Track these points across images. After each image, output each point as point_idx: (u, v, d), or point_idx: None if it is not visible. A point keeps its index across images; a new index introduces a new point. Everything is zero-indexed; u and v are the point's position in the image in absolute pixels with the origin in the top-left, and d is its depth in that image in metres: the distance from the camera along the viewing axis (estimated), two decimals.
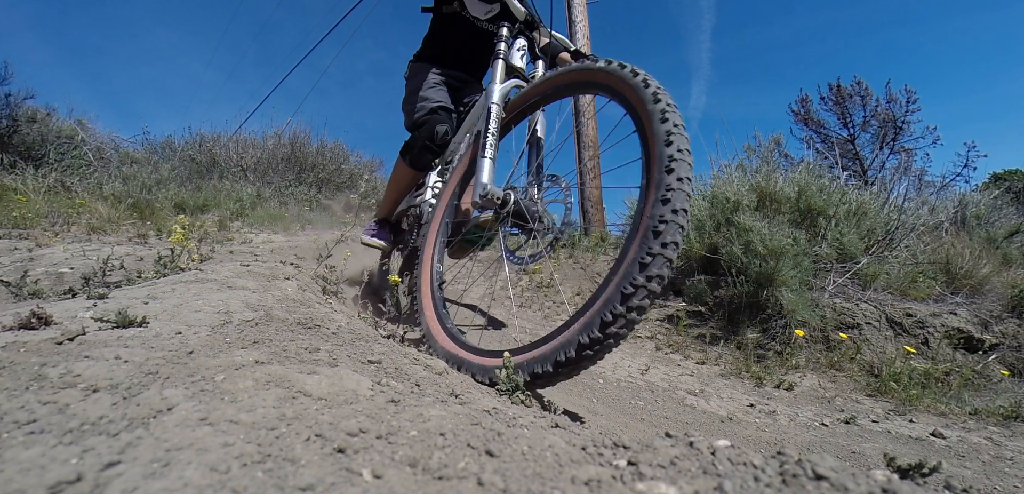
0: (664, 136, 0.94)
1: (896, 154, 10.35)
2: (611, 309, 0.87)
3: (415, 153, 1.88)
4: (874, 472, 0.37)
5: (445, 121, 1.88)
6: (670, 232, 0.87)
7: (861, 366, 2.07)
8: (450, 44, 2.06)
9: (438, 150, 1.86)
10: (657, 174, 0.92)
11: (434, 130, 1.84)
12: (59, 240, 2.42)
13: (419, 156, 1.88)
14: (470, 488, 0.39)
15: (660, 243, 0.86)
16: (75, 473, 0.37)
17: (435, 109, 1.91)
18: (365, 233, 2.08)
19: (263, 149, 7.06)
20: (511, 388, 0.96)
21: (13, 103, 5.20)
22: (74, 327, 0.73)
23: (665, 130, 0.95)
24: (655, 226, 0.87)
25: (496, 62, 1.56)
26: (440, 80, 2.03)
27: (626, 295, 0.86)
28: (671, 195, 0.88)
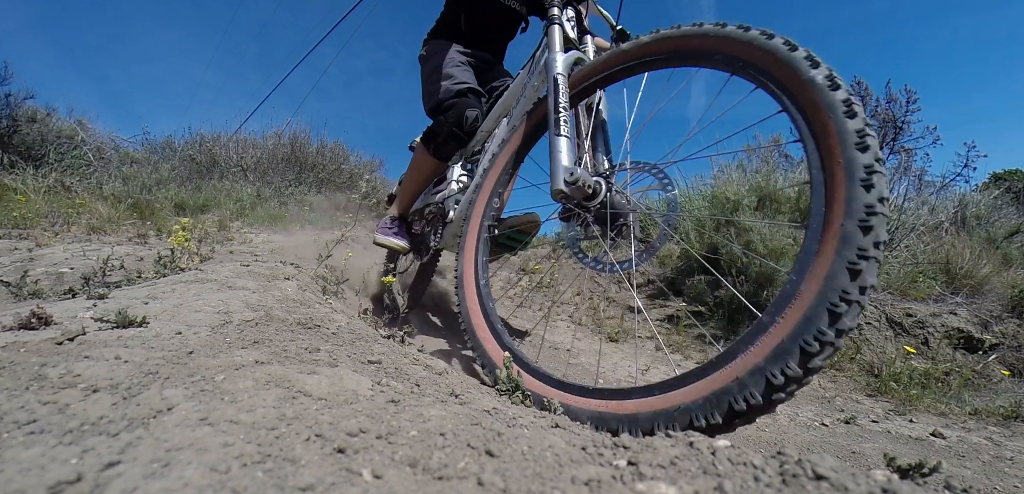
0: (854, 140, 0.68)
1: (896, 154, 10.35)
2: (814, 332, 0.61)
3: (440, 141, 1.65)
4: (874, 472, 0.37)
5: (475, 105, 1.64)
6: (881, 227, 0.65)
7: (861, 366, 2.07)
8: (473, 20, 1.82)
9: (466, 138, 1.65)
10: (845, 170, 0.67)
11: (463, 115, 1.61)
12: (59, 240, 2.42)
13: (444, 144, 1.66)
14: (470, 488, 0.39)
15: (872, 241, 0.63)
16: (75, 473, 0.37)
17: (463, 90, 1.66)
18: (380, 231, 1.81)
19: (263, 149, 7.06)
20: (511, 388, 0.96)
21: (13, 103, 5.19)
22: (74, 327, 0.73)
23: (855, 129, 0.68)
24: (862, 219, 0.64)
25: (552, 29, 1.32)
26: (465, 59, 1.79)
27: (835, 312, 0.61)
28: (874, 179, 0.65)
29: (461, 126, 1.62)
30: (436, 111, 1.70)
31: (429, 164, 1.73)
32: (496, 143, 1.48)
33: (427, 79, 1.81)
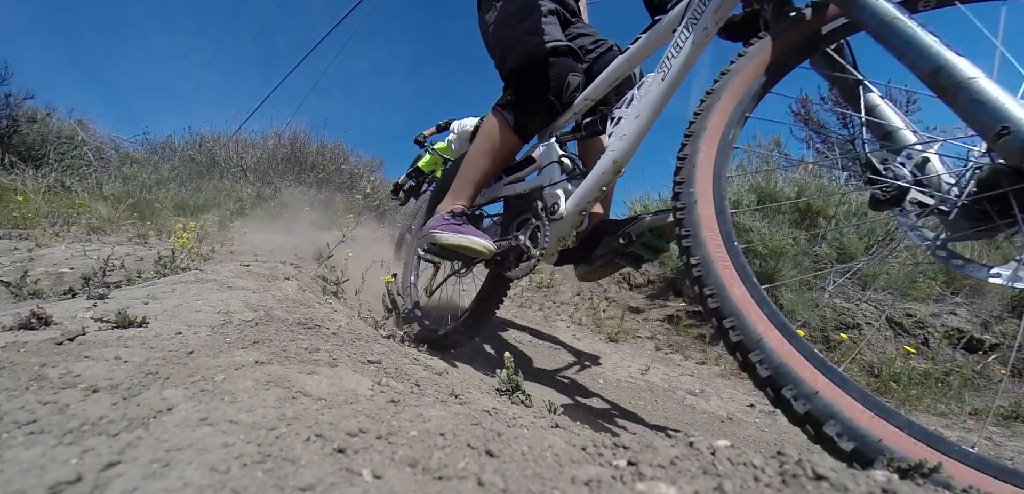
0: None
1: None
2: None
3: (529, 112, 1.30)
4: (874, 472, 0.37)
5: (578, 69, 1.30)
6: None
7: (861, 366, 2.07)
8: None
9: (561, 110, 1.30)
10: None
11: (565, 81, 1.27)
12: (59, 240, 2.42)
13: (534, 117, 1.31)
14: (470, 488, 0.39)
15: None
16: (75, 473, 0.37)
17: (559, 48, 1.29)
18: (442, 229, 1.30)
19: (263, 149, 7.06)
20: (511, 388, 0.96)
21: (13, 103, 5.20)
22: (74, 327, 0.73)
23: None
24: None
25: None
26: (553, 6, 1.39)
27: None
28: None
29: (560, 95, 1.28)
30: (523, 73, 1.30)
31: (509, 142, 1.35)
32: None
33: (504, 27, 1.39)
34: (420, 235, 1.42)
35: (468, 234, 1.28)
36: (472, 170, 1.40)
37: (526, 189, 1.36)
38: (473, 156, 1.40)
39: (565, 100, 1.29)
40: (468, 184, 1.40)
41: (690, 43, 1.00)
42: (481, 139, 1.39)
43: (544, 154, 1.32)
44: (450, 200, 1.41)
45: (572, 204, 1.20)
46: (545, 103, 1.29)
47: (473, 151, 1.40)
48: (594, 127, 1.24)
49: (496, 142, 1.36)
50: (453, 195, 1.41)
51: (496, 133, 1.35)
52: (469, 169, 1.40)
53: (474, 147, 1.40)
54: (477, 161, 1.39)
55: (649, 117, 1.08)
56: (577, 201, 1.19)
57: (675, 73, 1.05)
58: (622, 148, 1.10)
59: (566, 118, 1.32)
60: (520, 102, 1.31)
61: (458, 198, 1.41)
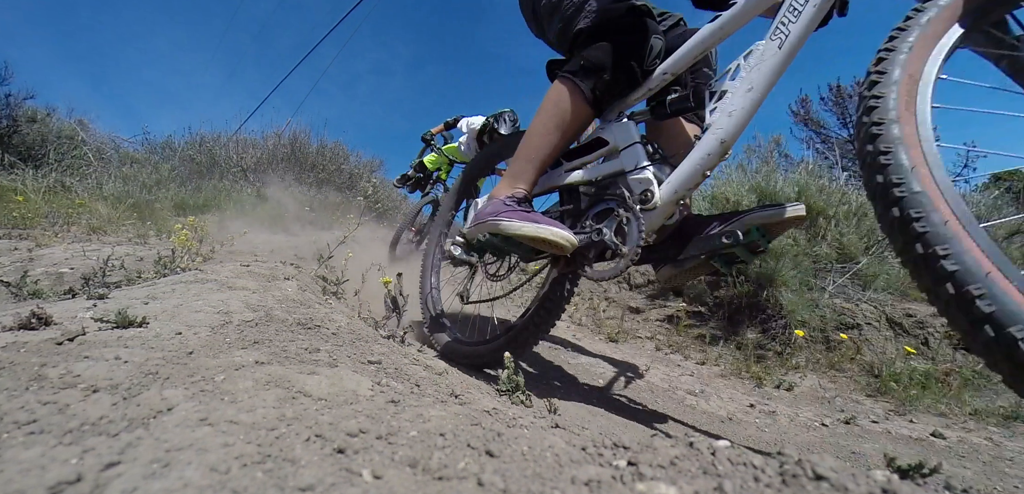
0: None
1: None
2: None
3: (609, 80, 1.11)
4: (874, 472, 0.37)
5: (659, 32, 1.16)
6: None
7: (861, 366, 2.07)
8: None
9: (641, 79, 1.14)
10: None
11: (648, 44, 1.11)
12: (59, 240, 2.42)
13: (613, 85, 1.12)
14: (470, 488, 0.39)
15: None
16: (75, 473, 0.37)
17: (638, 7, 1.15)
18: (507, 216, 1.11)
19: (263, 149, 7.07)
20: (511, 388, 0.96)
21: (13, 103, 5.20)
22: (74, 327, 0.73)
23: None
24: None
25: None
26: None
27: None
28: None
29: (642, 60, 1.11)
30: (601, 32, 1.13)
31: (582, 115, 1.16)
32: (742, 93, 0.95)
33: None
34: (473, 223, 1.20)
35: (545, 224, 1.06)
36: (536, 148, 1.18)
37: (598, 176, 1.17)
38: (537, 131, 1.19)
39: (645, 68, 1.12)
40: (530, 164, 1.19)
41: (812, 5, 0.90)
42: (547, 112, 1.18)
43: (621, 135, 1.14)
44: (508, 184, 1.21)
45: (668, 191, 1.04)
46: (626, 69, 1.11)
47: (537, 126, 1.20)
48: (683, 103, 1.08)
49: (567, 114, 1.15)
50: (511, 178, 1.21)
51: (567, 104, 1.14)
52: (532, 147, 1.19)
53: (538, 122, 1.20)
54: (543, 137, 1.18)
55: (763, 90, 0.96)
56: (675, 188, 1.03)
57: (794, 39, 0.93)
58: (731, 126, 0.96)
59: (640, 93, 1.16)
60: (598, 66, 1.11)
61: (517, 181, 1.20)
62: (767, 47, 0.96)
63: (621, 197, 1.10)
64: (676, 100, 1.10)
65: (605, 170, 1.17)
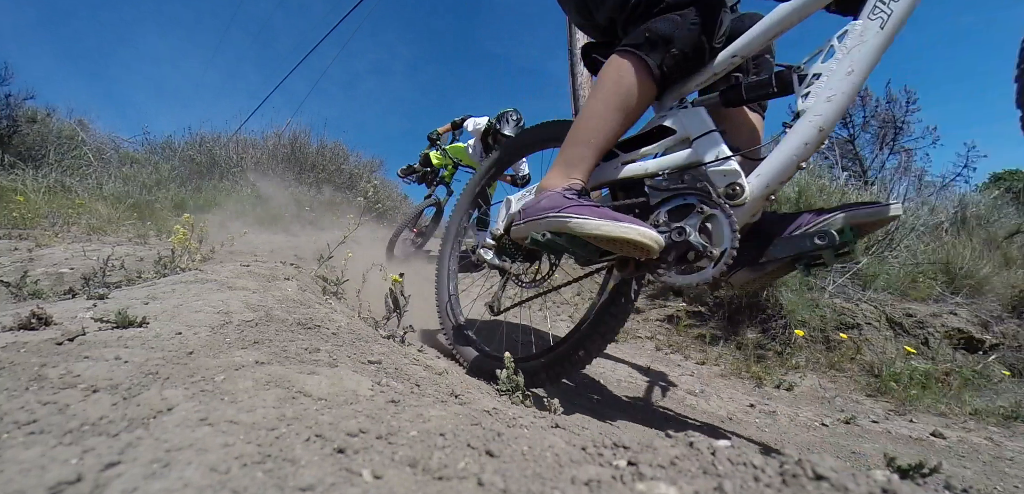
0: None
1: (896, 154, 10.35)
2: None
3: (676, 53, 0.99)
4: (874, 472, 0.37)
5: (727, 6, 1.05)
6: None
7: (861, 366, 2.07)
8: None
9: (713, 53, 1.03)
10: None
11: (718, 18, 1.01)
12: (59, 240, 2.42)
13: (682, 61, 1.01)
14: (470, 488, 0.39)
15: None
16: (75, 473, 0.37)
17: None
18: (574, 211, 0.96)
19: (263, 149, 7.07)
20: (511, 388, 0.96)
21: (13, 103, 5.20)
22: (74, 327, 0.73)
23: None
24: None
25: None
26: None
27: None
28: None
29: (712, 36, 1.01)
30: (668, 5, 1.01)
31: (647, 94, 1.04)
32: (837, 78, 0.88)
33: None
34: (526, 220, 1.05)
35: (629, 222, 0.91)
36: (594, 132, 1.04)
37: (667, 168, 1.04)
38: (596, 113, 1.04)
39: (716, 43, 1.02)
40: (588, 150, 1.05)
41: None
42: (607, 90, 1.04)
43: (692, 122, 1.02)
44: (561, 174, 1.07)
45: (759, 185, 0.93)
46: (696, 45, 0.99)
47: (595, 108, 1.05)
48: (763, 88, 0.97)
49: (631, 93, 1.01)
50: (565, 166, 1.07)
51: (631, 81, 1.01)
52: (590, 131, 1.05)
53: (595, 103, 1.05)
54: (603, 119, 1.03)
55: (864, 73, 0.88)
56: (766, 181, 0.92)
57: (897, 19, 0.86)
58: (831, 112, 0.88)
59: (704, 76, 1.05)
60: (665, 39, 0.98)
61: (573, 170, 1.05)
62: (866, 27, 0.88)
63: (703, 192, 0.97)
64: (755, 85, 0.98)
65: (674, 161, 1.03)
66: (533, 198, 1.08)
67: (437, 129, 4.19)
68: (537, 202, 1.05)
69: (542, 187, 1.09)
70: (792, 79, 0.95)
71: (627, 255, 0.99)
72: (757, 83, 0.98)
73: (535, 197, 1.08)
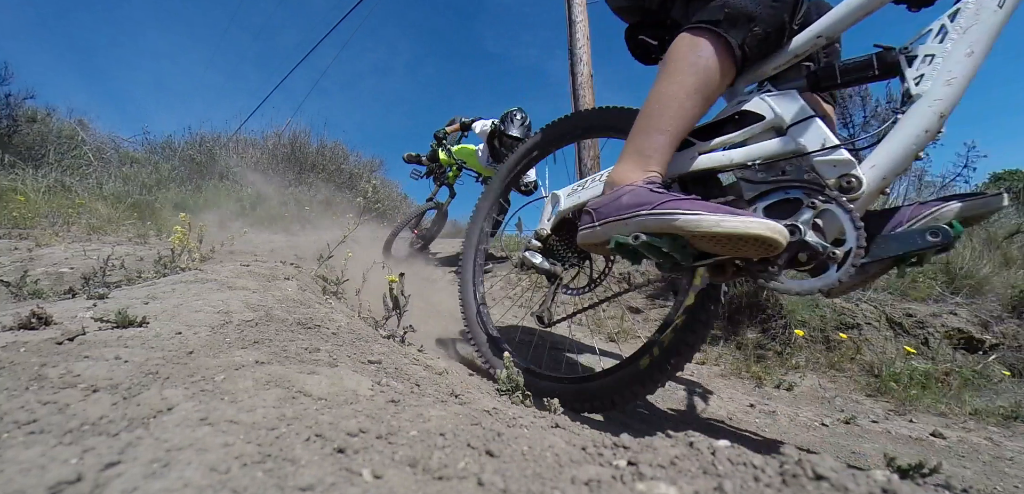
0: None
1: None
2: None
3: (759, 32, 0.91)
4: (874, 472, 0.37)
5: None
6: None
7: (861, 366, 2.07)
8: None
9: (791, 34, 0.95)
10: None
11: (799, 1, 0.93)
12: (59, 240, 2.42)
13: (764, 40, 0.92)
14: (470, 488, 0.39)
15: None
16: (75, 473, 0.37)
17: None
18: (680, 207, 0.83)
19: (263, 149, 7.08)
20: (511, 388, 0.96)
21: (13, 103, 5.21)
22: (74, 327, 0.73)
23: None
24: None
25: None
26: None
27: None
28: None
29: (794, 13, 0.93)
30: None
31: (727, 75, 0.94)
32: None
33: None
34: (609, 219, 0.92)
35: (745, 216, 0.79)
36: (670, 118, 0.92)
37: (758, 158, 0.93)
38: (672, 95, 0.93)
39: (793, 26, 0.94)
40: (664, 138, 0.93)
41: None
42: (683, 71, 0.92)
43: (787, 107, 0.92)
44: (636, 165, 0.94)
45: (876, 177, 0.83)
46: (778, 23, 0.91)
47: (669, 90, 0.93)
48: (863, 70, 0.89)
49: (712, 75, 0.91)
50: (638, 157, 0.95)
51: (711, 61, 0.91)
52: (666, 116, 0.92)
53: (669, 85, 0.93)
54: (681, 102, 0.92)
55: (983, 54, 0.81)
56: (883, 173, 0.83)
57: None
58: (950, 95, 0.80)
59: (783, 59, 0.96)
60: (747, 16, 0.90)
61: (648, 160, 0.94)
62: (982, 4, 0.80)
63: (812, 185, 0.86)
64: (853, 67, 0.89)
65: (767, 151, 0.92)
66: (605, 195, 0.96)
67: (445, 128, 4.06)
68: (615, 199, 0.91)
69: (613, 181, 0.96)
70: (899, 61, 0.85)
71: (745, 255, 0.85)
72: (855, 65, 0.89)
73: (608, 194, 0.95)
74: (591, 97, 4.71)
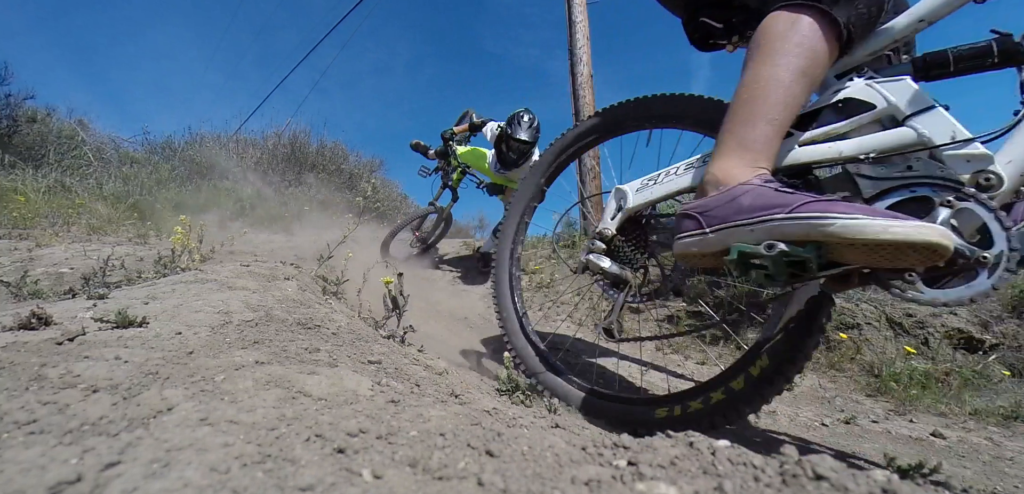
0: None
1: None
2: None
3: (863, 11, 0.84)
4: (874, 472, 0.37)
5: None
6: None
7: (861, 366, 2.07)
8: None
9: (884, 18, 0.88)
10: None
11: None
12: (59, 240, 2.42)
13: (868, 20, 0.85)
14: (470, 488, 0.39)
15: None
16: (75, 473, 0.37)
17: None
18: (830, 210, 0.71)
19: (263, 149, 7.08)
20: (511, 388, 0.96)
21: (13, 103, 5.21)
22: (74, 327, 0.73)
23: None
24: None
25: None
26: None
27: None
28: None
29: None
30: None
31: (832, 54, 0.84)
32: None
33: None
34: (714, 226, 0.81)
35: (910, 221, 0.69)
36: (776, 105, 0.81)
37: (873, 150, 0.83)
38: (776, 80, 0.81)
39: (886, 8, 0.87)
40: (770, 128, 0.82)
41: None
42: (786, 52, 0.82)
43: (899, 94, 0.83)
44: (739, 160, 0.82)
45: (1014, 173, 0.77)
46: (881, 2, 0.84)
47: (772, 73, 0.82)
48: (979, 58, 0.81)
49: (819, 56, 0.82)
50: (741, 150, 0.83)
51: (817, 41, 0.81)
52: (770, 103, 0.81)
53: (772, 67, 0.82)
54: (787, 88, 0.81)
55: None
56: (1020, 168, 0.77)
57: None
58: None
59: (881, 43, 0.88)
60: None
61: (757, 155, 0.82)
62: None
63: (945, 181, 0.78)
64: (969, 53, 0.81)
65: (885, 142, 0.83)
66: (711, 196, 0.83)
67: (453, 128, 3.82)
68: (730, 199, 0.80)
69: (719, 180, 0.83)
70: (1021, 48, 0.79)
71: (906, 266, 0.73)
72: (971, 52, 0.81)
73: (716, 194, 0.82)
74: (591, 97, 4.71)
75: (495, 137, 3.56)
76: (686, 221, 0.85)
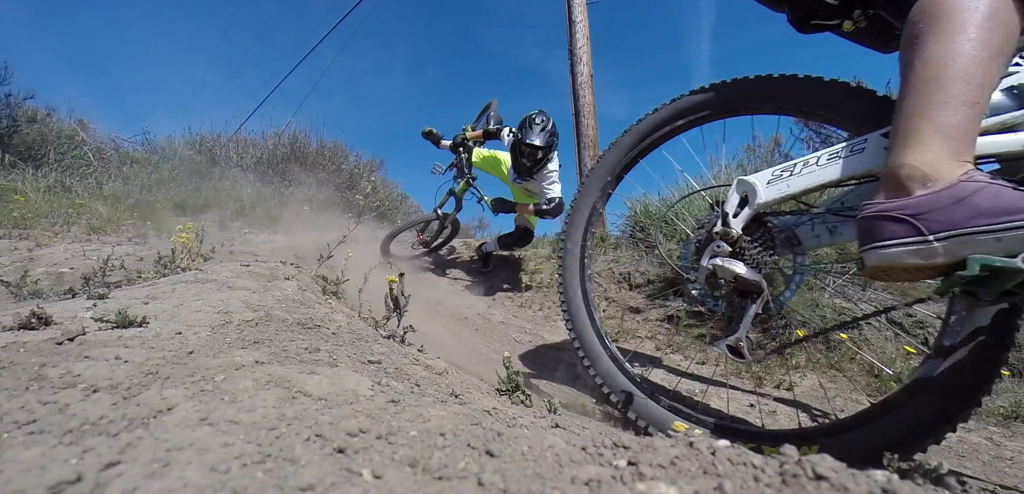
0: None
1: None
2: None
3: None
4: (874, 472, 0.37)
5: None
6: None
7: (861, 366, 2.07)
8: None
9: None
10: None
11: None
12: (59, 240, 2.42)
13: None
14: (470, 488, 0.39)
15: None
16: (75, 473, 0.37)
17: None
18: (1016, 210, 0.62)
19: (263, 149, 7.07)
20: (511, 388, 0.96)
21: (13, 103, 5.21)
22: (74, 327, 0.73)
23: None
24: None
25: None
26: None
27: None
28: None
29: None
30: None
31: (1021, 24, 0.72)
32: None
33: None
34: (948, 232, 0.67)
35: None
36: (977, 85, 0.69)
37: None
38: (972, 56, 0.69)
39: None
40: (972, 113, 0.69)
41: None
42: (980, 27, 0.69)
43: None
44: (943, 150, 0.69)
45: None
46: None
47: (968, 47, 0.69)
48: None
49: (1013, 32, 0.70)
50: (943, 140, 0.69)
51: (1011, 14, 0.70)
52: (970, 83, 0.68)
53: (964, 41, 0.69)
54: (985, 66, 0.69)
55: None
56: None
57: None
58: None
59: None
60: None
61: (961, 144, 0.69)
62: None
63: None
64: None
65: None
66: (921, 196, 0.69)
67: (466, 132, 3.56)
68: (957, 200, 0.67)
69: (926, 175, 0.70)
70: None
71: None
72: None
73: (927, 194, 0.69)
74: (591, 97, 4.71)
75: (511, 143, 3.31)
76: (891, 225, 0.71)
